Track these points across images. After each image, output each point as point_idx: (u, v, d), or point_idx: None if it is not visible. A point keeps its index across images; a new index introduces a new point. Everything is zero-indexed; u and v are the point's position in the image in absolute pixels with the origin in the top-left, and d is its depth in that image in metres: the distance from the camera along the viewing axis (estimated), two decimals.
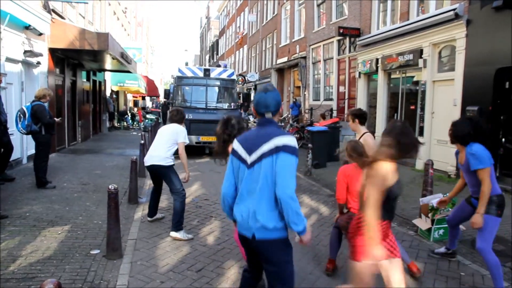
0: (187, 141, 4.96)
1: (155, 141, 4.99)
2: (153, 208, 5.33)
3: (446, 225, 4.71)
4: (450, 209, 4.61)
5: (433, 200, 4.78)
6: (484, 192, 3.43)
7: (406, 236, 5.03)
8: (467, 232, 4.84)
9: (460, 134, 3.62)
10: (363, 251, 2.56)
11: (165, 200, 6.18)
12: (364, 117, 4.50)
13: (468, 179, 3.73)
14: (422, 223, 4.98)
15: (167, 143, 4.87)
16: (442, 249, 4.36)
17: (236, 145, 2.51)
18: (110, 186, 4.03)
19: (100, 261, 3.96)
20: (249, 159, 2.39)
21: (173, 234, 4.68)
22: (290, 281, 2.43)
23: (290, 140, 2.32)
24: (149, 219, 5.33)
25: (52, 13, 9.99)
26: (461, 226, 4.40)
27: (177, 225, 4.69)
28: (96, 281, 3.55)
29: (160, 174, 4.98)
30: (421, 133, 9.81)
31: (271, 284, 2.44)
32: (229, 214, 2.57)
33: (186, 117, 10.91)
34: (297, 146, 2.36)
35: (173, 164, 4.93)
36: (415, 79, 10.65)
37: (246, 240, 2.41)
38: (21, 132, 6.66)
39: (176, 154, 4.89)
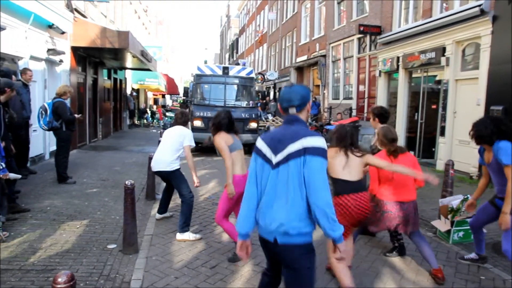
0: (193, 144, 4.92)
1: (161, 145, 4.98)
2: (164, 205, 5.34)
3: (466, 227, 4.58)
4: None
5: (453, 201, 4.65)
6: (509, 190, 3.31)
7: (425, 238, 4.90)
8: (489, 235, 4.69)
9: (485, 133, 3.50)
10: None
11: (176, 199, 6.20)
12: (384, 116, 4.42)
13: (496, 178, 3.58)
14: (441, 224, 4.86)
15: (172, 147, 4.84)
16: (473, 255, 4.15)
17: (260, 143, 2.36)
18: (126, 182, 4.08)
19: (117, 256, 4.02)
20: (275, 159, 2.24)
21: (179, 236, 4.61)
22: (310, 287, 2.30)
23: (319, 141, 2.18)
24: (157, 216, 5.33)
25: (75, 12, 10.20)
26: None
27: (183, 227, 4.63)
28: (112, 275, 3.61)
29: (167, 178, 5.01)
30: (442, 133, 9.58)
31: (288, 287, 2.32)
32: (247, 217, 2.35)
33: (205, 115, 11.03)
34: (326, 147, 2.21)
35: (179, 168, 4.90)
36: (437, 78, 10.40)
37: (268, 244, 2.29)
38: (42, 129, 6.84)
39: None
